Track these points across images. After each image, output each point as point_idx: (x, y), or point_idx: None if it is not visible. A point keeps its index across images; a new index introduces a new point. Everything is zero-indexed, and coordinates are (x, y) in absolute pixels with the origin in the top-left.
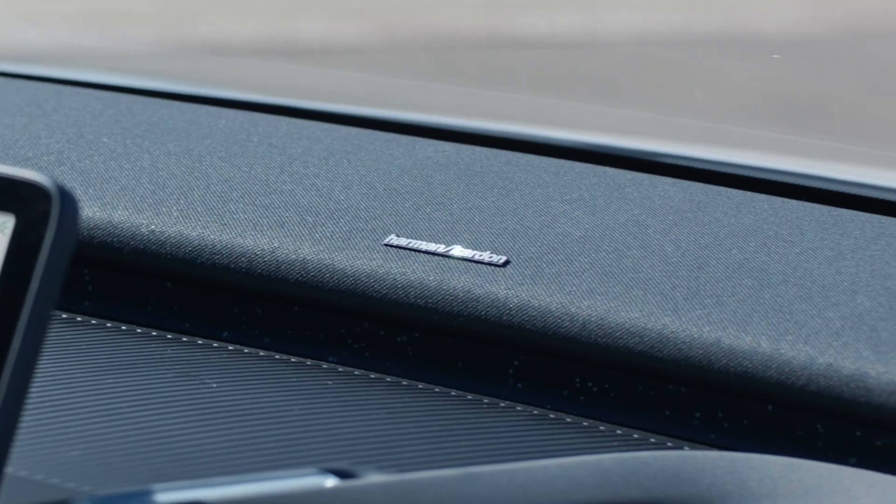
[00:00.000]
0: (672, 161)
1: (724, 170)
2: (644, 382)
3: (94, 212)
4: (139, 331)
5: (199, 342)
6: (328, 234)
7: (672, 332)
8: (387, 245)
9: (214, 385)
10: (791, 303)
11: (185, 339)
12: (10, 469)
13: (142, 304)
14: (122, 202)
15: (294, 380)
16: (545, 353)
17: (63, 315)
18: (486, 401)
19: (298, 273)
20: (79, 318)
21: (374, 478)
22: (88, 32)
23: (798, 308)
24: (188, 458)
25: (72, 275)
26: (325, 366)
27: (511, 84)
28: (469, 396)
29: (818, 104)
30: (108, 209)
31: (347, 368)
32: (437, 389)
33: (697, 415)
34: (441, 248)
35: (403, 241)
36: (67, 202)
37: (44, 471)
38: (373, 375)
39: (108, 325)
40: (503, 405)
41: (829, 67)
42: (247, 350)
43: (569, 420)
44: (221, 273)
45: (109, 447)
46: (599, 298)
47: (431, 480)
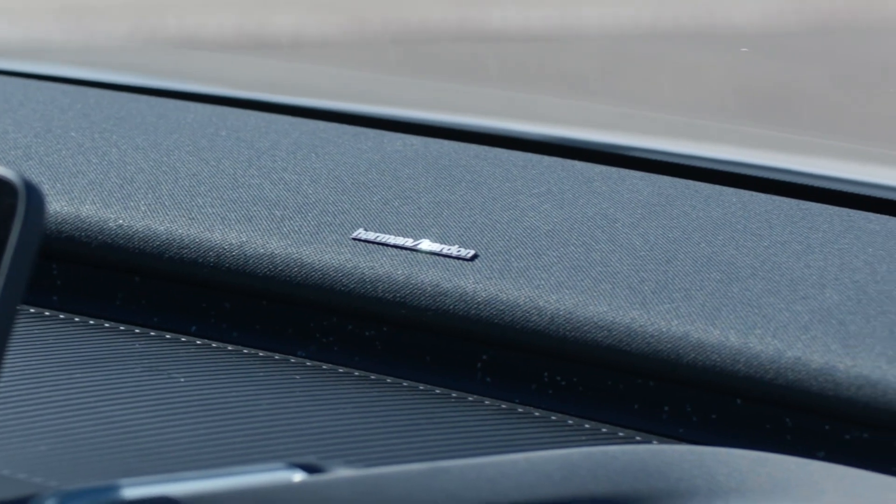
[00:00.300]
0: (641, 155)
1: (693, 163)
2: (612, 376)
3: (62, 206)
4: (107, 325)
5: (168, 337)
6: (296, 229)
7: (640, 326)
8: (355, 239)
9: (182, 379)
10: (759, 296)
11: (154, 334)
12: None
13: (110, 299)
14: (91, 197)
15: (262, 374)
16: (513, 347)
17: (31, 310)
18: (455, 395)
19: (267, 267)
20: (47, 313)
21: (342, 472)
22: (57, 26)
23: (766, 302)
24: (156, 453)
25: (40, 269)
26: (294, 360)
27: (480, 78)
28: (437, 391)
29: (787, 97)
30: (76, 204)
31: (316, 363)
32: (406, 384)
33: (666, 409)
34: (409, 242)
35: (371, 235)
36: (33, 197)
37: (11, 466)
38: (341, 370)
39: (76, 320)
40: (471, 399)
41: (798, 61)
42: (215, 344)
43: (537, 414)
44: (189, 267)
45: (77, 442)
46: (568, 292)
47: (399, 475)
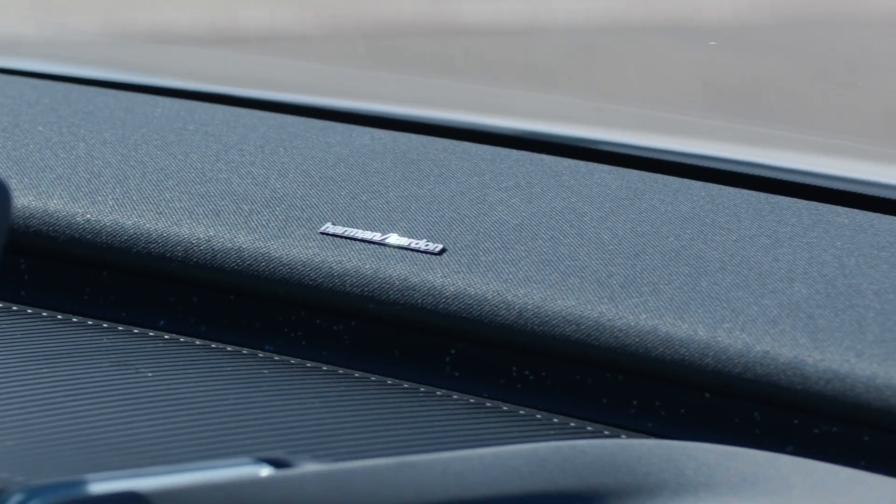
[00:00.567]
0: (609, 148)
1: (661, 157)
2: (581, 370)
3: (30, 201)
4: (75, 320)
5: (135, 331)
6: (264, 223)
7: (608, 320)
8: (323, 233)
9: (150, 374)
10: (728, 290)
11: (121, 328)
12: None
13: (77, 293)
14: (58, 191)
15: (230, 368)
16: (482, 342)
17: None
18: (423, 389)
19: (234, 261)
20: (14, 308)
21: (309, 467)
22: (24, 20)
23: (735, 296)
24: (123, 448)
25: (7, 264)
26: (262, 354)
27: (450, 71)
28: (405, 385)
29: (756, 91)
30: (44, 198)
31: (283, 357)
32: (374, 378)
33: (634, 403)
34: (377, 237)
35: (339, 230)
36: (0, 192)
37: None
38: (309, 364)
39: (44, 315)
40: (439, 394)
41: (768, 54)
42: (183, 339)
43: (505, 408)
44: (157, 262)
45: (44, 437)
46: (536, 286)
47: (367, 470)
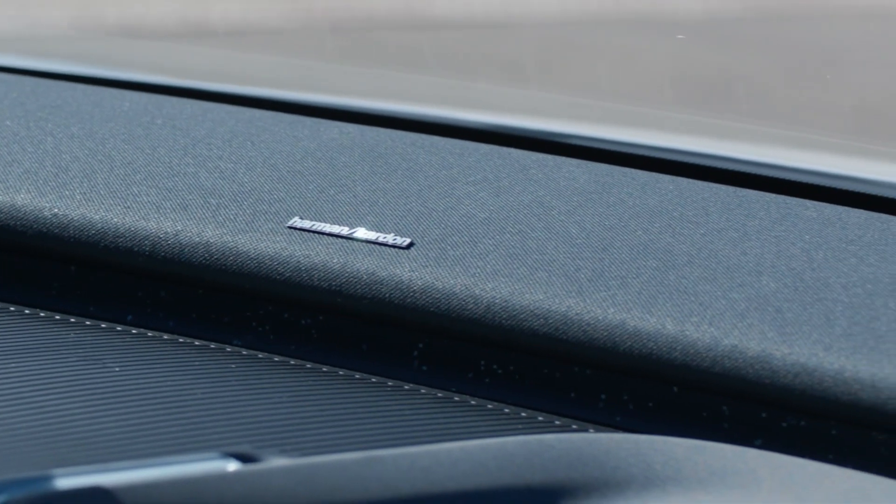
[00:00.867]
0: (577, 142)
1: (629, 150)
2: (549, 365)
3: None
4: (42, 315)
5: (103, 326)
6: (232, 217)
7: (576, 314)
8: (290, 227)
9: (117, 369)
10: (696, 284)
11: (89, 323)
12: None
13: (45, 288)
14: (25, 185)
15: (198, 363)
16: (450, 336)
17: None
18: (391, 384)
19: (202, 256)
20: None
21: (277, 462)
22: None
23: (703, 289)
24: (90, 443)
25: None
26: (229, 349)
27: (418, 65)
28: (373, 379)
29: (725, 84)
30: (11, 192)
31: (251, 351)
32: (342, 372)
33: (602, 397)
34: (345, 231)
35: (307, 224)
36: None
37: None
38: (276, 358)
39: (12, 310)
40: (407, 388)
41: (737, 48)
42: (151, 333)
43: (473, 403)
44: (125, 256)
45: (10, 432)
46: (504, 280)
47: (334, 464)
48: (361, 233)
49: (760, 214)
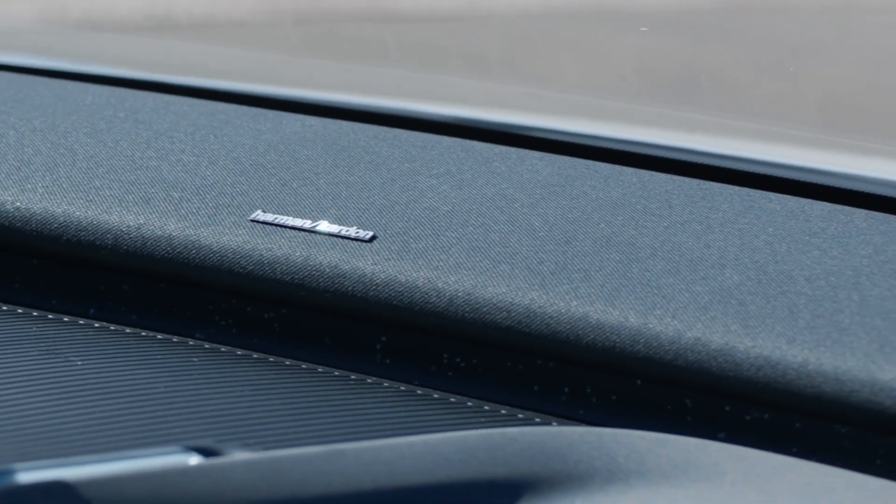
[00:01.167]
0: (540, 135)
1: (593, 143)
2: (512, 358)
3: None
4: (4, 308)
5: (66, 319)
6: (194, 210)
7: (539, 307)
8: (253, 221)
9: (79, 363)
10: (659, 277)
11: (51, 317)
12: None
13: (7, 281)
14: None
15: (160, 357)
16: (412, 329)
17: None
18: (353, 377)
19: (164, 249)
20: None
21: (239, 455)
22: None
23: (666, 282)
24: (51, 437)
25: None
26: (192, 342)
27: (381, 58)
28: (336, 373)
29: (688, 77)
30: None
31: (214, 345)
32: (304, 366)
33: (566, 390)
34: (307, 224)
35: (270, 217)
36: None
37: None
38: (239, 352)
39: None
40: (370, 381)
41: (701, 40)
42: (113, 327)
43: (436, 396)
44: (87, 249)
45: None
46: (466, 273)
47: (296, 458)
48: (324, 226)
49: (724, 207)
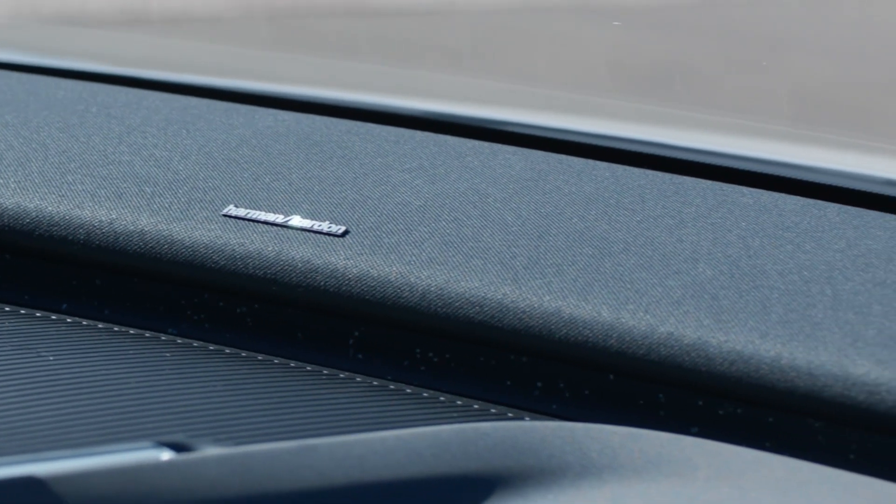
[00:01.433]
0: (513, 129)
1: (566, 137)
2: (485, 352)
3: None
4: None
5: (38, 314)
6: (166, 205)
7: (512, 302)
8: (225, 216)
9: (51, 358)
10: (632, 271)
11: (24, 312)
12: None
13: None
14: None
15: (132, 352)
16: (385, 324)
17: None
18: (326, 372)
19: (137, 244)
20: None
21: (210, 451)
22: None
23: (639, 277)
24: (23, 433)
25: None
26: (164, 337)
27: (353, 53)
28: (308, 367)
29: (661, 71)
30: None
31: (186, 340)
32: (277, 361)
33: (538, 385)
34: (280, 219)
35: (242, 212)
36: None
37: None
38: (212, 347)
39: None
40: (343, 376)
41: (673, 34)
42: (85, 322)
43: (409, 391)
44: (59, 244)
45: None
46: (439, 268)
47: (268, 453)
48: (296, 220)
49: (697, 201)
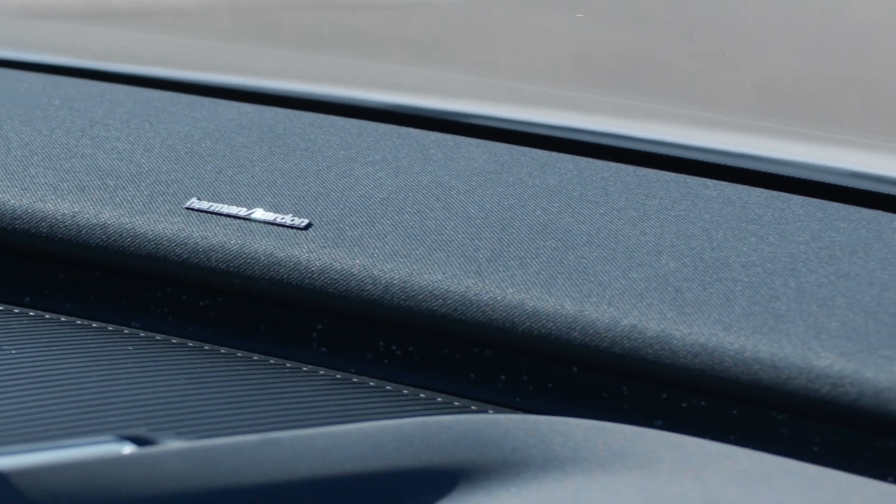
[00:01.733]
0: (477, 122)
1: (529, 130)
2: (448, 345)
3: None
4: None
5: (0, 308)
6: (129, 198)
7: (475, 295)
8: (188, 209)
9: (13, 351)
10: (595, 264)
11: None
12: None
13: None
14: None
15: (95, 345)
16: (348, 317)
17: None
18: (289, 365)
19: (99, 237)
20: None
21: (172, 444)
22: None
23: (602, 269)
24: None
25: None
26: (127, 331)
27: (316, 45)
28: (272, 360)
29: (624, 63)
30: None
31: (149, 333)
32: (240, 354)
33: (502, 378)
34: (243, 212)
35: (205, 205)
36: None
37: None
38: (175, 340)
39: None
40: (306, 369)
41: (636, 27)
42: (48, 316)
43: (372, 384)
44: (22, 238)
45: None
46: (402, 261)
47: (231, 447)
48: (259, 213)
49: (660, 194)
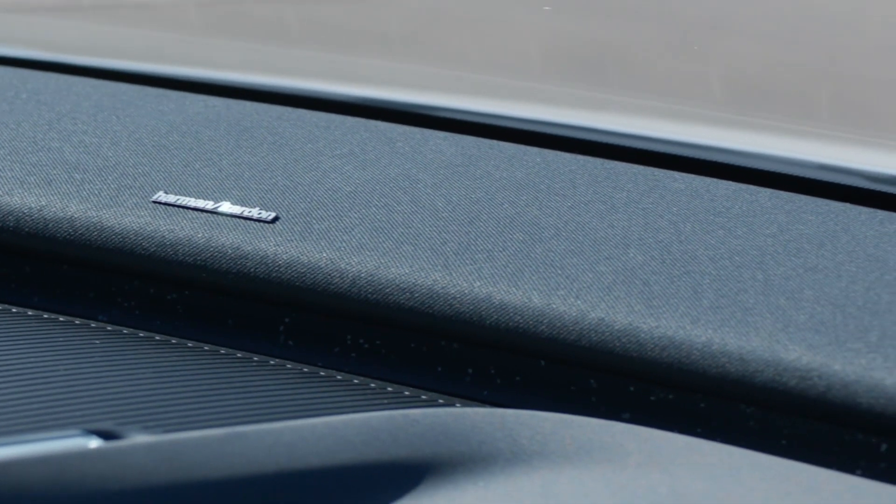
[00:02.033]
0: (444, 115)
1: (497, 123)
2: (415, 339)
3: None
4: None
5: None
6: (96, 192)
7: (442, 288)
8: (155, 202)
9: None
10: (563, 257)
11: None
12: None
13: None
14: None
15: (62, 339)
16: (315, 310)
17: None
18: (256, 359)
19: (66, 231)
20: None
21: (139, 438)
22: None
23: (570, 262)
24: None
25: None
26: (94, 325)
27: (284, 38)
28: (239, 354)
29: (592, 56)
30: None
31: (116, 327)
32: (207, 347)
33: (469, 371)
34: (210, 205)
35: (172, 198)
36: None
37: None
38: (142, 334)
39: None
40: (273, 363)
41: (604, 19)
42: (15, 310)
43: (339, 377)
44: None
45: None
46: (369, 254)
47: (197, 441)
48: (226, 207)
49: (628, 187)
